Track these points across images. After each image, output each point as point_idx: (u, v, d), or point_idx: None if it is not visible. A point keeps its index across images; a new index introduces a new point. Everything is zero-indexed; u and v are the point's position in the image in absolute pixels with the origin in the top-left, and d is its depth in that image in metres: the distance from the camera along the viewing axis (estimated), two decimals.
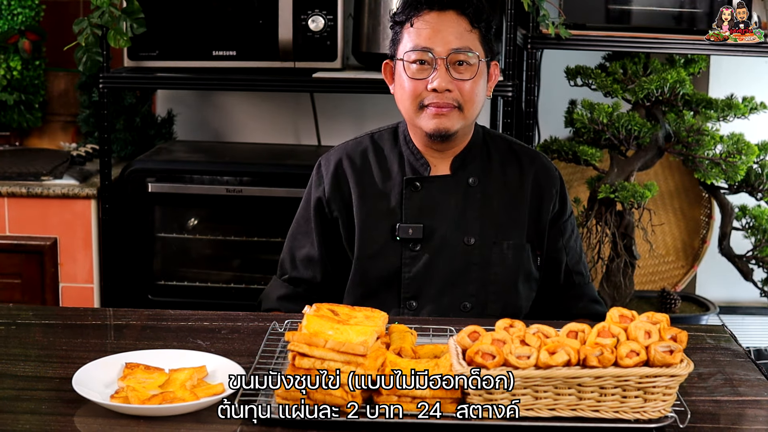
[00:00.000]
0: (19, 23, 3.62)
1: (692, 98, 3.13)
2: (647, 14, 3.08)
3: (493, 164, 2.29)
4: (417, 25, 2.18)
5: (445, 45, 2.15)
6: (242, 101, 3.77)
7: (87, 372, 1.70)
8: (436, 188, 2.24)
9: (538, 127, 3.49)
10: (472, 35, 2.18)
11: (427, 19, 2.18)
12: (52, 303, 3.26)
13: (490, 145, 2.31)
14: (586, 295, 2.34)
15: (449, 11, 2.18)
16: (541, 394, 1.56)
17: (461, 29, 2.17)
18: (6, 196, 3.23)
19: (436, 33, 2.16)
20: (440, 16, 2.18)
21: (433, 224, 2.22)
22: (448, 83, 2.15)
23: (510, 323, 1.66)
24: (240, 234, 3.31)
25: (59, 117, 3.81)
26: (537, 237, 2.28)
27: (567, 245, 2.32)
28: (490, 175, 2.27)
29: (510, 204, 2.27)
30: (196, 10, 3.23)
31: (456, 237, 2.22)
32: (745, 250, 3.22)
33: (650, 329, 1.59)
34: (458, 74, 2.16)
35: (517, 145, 2.35)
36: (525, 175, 2.29)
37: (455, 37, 2.16)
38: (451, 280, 2.21)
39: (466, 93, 2.16)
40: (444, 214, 2.23)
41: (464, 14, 2.17)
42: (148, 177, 3.20)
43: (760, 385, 1.79)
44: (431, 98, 2.16)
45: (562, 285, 2.33)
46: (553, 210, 2.29)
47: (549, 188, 2.30)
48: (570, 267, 2.33)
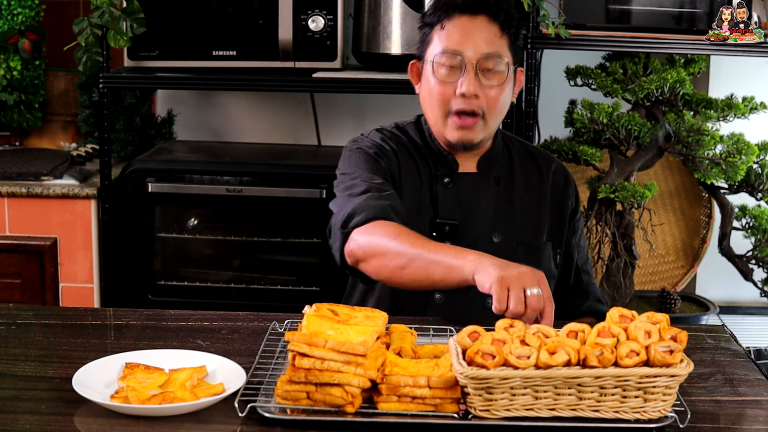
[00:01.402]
0: (19, 23, 3.62)
1: (692, 98, 3.13)
2: (647, 14, 3.08)
3: (515, 165, 2.31)
4: (448, 28, 2.17)
5: (475, 50, 2.14)
6: (242, 101, 3.77)
7: (87, 372, 1.70)
8: (467, 185, 2.25)
9: (538, 127, 3.49)
10: (502, 41, 2.17)
11: (458, 23, 2.16)
12: (52, 303, 3.26)
13: (510, 148, 2.34)
14: (592, 294, 2.37)
15: (481, 15, 2.16)
16: (541, 394, 1.56)
17: (491, 35, 2.16)
18: (6, 196, 3.23)
19: (467, 37, 2.15)
20: (471, 21, 2.16)
21: (465, 221, 2.22)
22: (477, 89, 2.14)
23: (510, 323, 1.66)
24: (240, 234, 3.31)
25: (59, 117, 3.81)
26: (557, 236, 2.31)
27: (578, 244, 2.35)
28: (514, 176, 2.30)
29: (533, 204, 2.29)
30: (196, 10, 3.23)
31: (484, 235, 2.23)
32: (745, 250, 3.22)
33: (650, 329, 1.59)
34: (486, 80, 2.15)
35: (532, 148, 2.39)
36: (545, 177, 2.32)
37: (486, 42, 2.15)
38: None
39: (491, 100, 2.16)
40: (474, 211, 2.24)
41: (495, 20, 2.16)
42: (148, 177, 3.20)
43: (760, 385, 1.79)
44: (458, 103, 2.16)
45: (571, 283, 2.34)
46: (571, 209, 2.33)
47: (566, 189, 2.34)
48: (579, 266, 2.35)
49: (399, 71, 3.14)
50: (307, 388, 1.58)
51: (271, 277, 3.30)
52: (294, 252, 3.29)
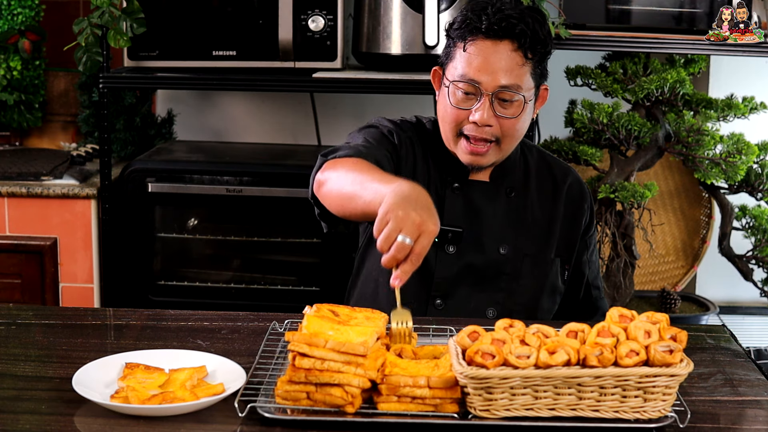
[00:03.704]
0: (19, 23, 3.62)
1: (692, 98, 3.14)
2: (647, 14, 3.08)
3: (530, 177, 2.27)
4: (469, 50, 2.11)
5: (493, 80, 2.09)
6: (242, 101, 3.77)
7: (87, 372, 1.70)
8: (477, 193, 2.22)
9: (538, 127, 3.49)
10: (524, 69, 2.11)
11: (481, 46, 2.11)
12: (52, 303, 3.26)
13: (528, 158, 2.29)
14: (600, 309, 2.35)
15: (505, 41, 2.10)
16: (541, 393, 1.56)
17: (513, 63, 2.10)
18: (6, 196, 3.23)
19: (487, 65, 2.10)
20: (495, 46, 2.10)
21: (471, 229, 2.20)
22: (490, 118, 2.10)
23: (510, 323, 1.66)
24: (240, 234, 3.31)
25: (59, 117, 3.81)
26: (567, 251, 2.28)
27: (590, 259, 2.32)
28: (528, 188, 2.26)
29: (545, 218, 2.26)
30: (196, 10, 3.23)
31: (491, 245, 2.20)
32: (745, 250, 3.22)
33: (650, 329, 1.59)
34: (502, 110, 2.11)
35: (550, 158, 2.34)
36: (559, 190, 2.28)
37: (505, 72, 2.09)
38: (480, 287, 2.20)
39: (506, 129, 2.12)
40: (482, 220, 2.21)
41: (520, 47, 2.10)
42: (148, 177, 3.20)
43: (760, 385, 1.79)
44: (470, 129, 2.12)
45: (581, 299, 2.33)
46: (584, 225, 2.30)
47: (581, 203, 2.30)
48: (590, 281, 2.33)
49: (399, 71, 3.14)
50: (307, 389, 1.58)
51: (271, 277, 3.30)
52: (294, 252, 3.29)
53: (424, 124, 2.28)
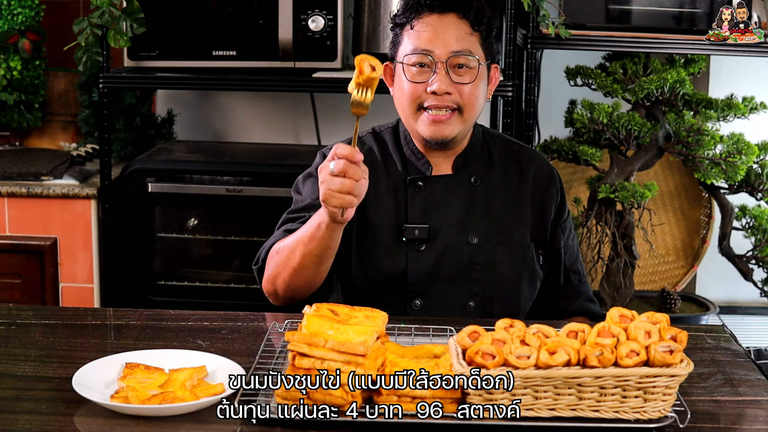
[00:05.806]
0: (19, 23, 3.62)
1: (692, 98, 3.14)
2: (647, 14, 3.08)
3: (495, 164, 2.28)
4: (417, 28, 2.17)
5: (445, 48, 2.14)
6: (242, 101, 3.77)
7: (87, 372, 1.70)
8: (440, 188, 2.23)
9: (538, 127, 3.49)
10: (473, 38, 2.17)
11: (428, 22, 2.16)
12: (52, 303, 3.26)
13: (491, 145, 2.31)
14: (582, 294, 2.34)
15: (450, 14, 2.16)
16: (541, 394, 1.56)
17: (462, 32, 2.15)
18: (6, 196, 3.23)
19: (437, 35, 2.15)
20: (441, 19, 2.16)
21: (437, 224, 2.21)
22: (448, 86, 2.13)
23: (510, 323, 1.66)
24: (240, 234, 3.31)
25: (59, 117, 3.81)
26: (540, 236, 2.29)
27: (566, 244, 2.32)
28: (492, 175, 2.27)
29: (512, 203, 2.27)
30: (196, 10, 3.23)
31: (460, 237, 2.22)
32: (745, 250, 3.22)
33: (650, 329, 1.59)
34: (458, 77, 2.14)
35: (516, 145, 2.36)
36: (526, 175, 2.29)
37: (455, 39, 2.15)
38: (455, 280, 2.21)
39: (465, 96, 2.15)
40: (448, 213, 2.22)
41: (465, 17, 2.16)
42: (148, 177, 3.20)
43: (760, 385, 1.79)
44: (430, 101, 2.15)
45: (560, 284, 2.33)
46: (556, 209, 2.30)
47: (550, 187, 2.31)
48: (568, 266, 2.33)
49: None
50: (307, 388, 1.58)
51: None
52: None
53: (381, 134, 2.31)
